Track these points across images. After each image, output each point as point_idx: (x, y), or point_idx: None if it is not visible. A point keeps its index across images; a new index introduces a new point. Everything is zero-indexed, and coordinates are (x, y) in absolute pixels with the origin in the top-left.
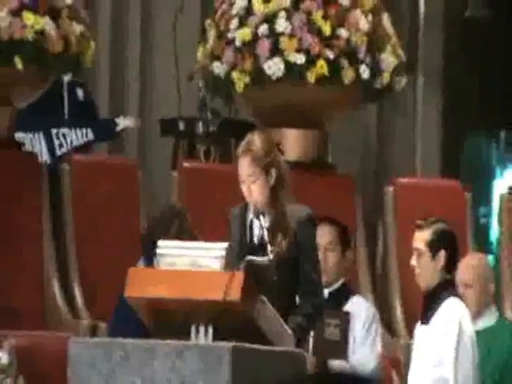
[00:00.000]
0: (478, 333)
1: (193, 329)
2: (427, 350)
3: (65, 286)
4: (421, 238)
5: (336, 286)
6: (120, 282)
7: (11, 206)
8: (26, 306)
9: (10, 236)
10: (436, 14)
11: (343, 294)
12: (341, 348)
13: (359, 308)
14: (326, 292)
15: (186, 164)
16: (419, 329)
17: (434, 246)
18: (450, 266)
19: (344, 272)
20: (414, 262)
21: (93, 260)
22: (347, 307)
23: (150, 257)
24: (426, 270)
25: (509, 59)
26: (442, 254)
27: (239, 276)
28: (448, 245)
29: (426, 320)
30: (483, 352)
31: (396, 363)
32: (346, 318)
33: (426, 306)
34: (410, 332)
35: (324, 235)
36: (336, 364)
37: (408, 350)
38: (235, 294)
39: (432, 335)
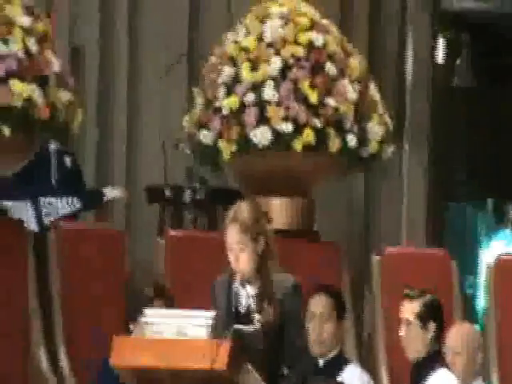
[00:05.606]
0: None
1: None
2: None
3: (50, 352)
4: (410, 310)
5: (331, 355)
6: (106, 347)
7: None
8: (9, 371)
9: None
10: (423, 82)
11: (338, 363)
12: None
13: (354, 377)
14: (321, 362)
15: (172, 231)
16: None
17: (423, 318)
18: (439, 336)
19: (339, 341)
20: (402, 333)
21: (79, 325)
22: (342, 376)
23: None
24: (415, 341)
25: (495, 127)
26: (432, 325)
27: (226, 345)
28: (437, 316)
29: None
30: None
31: None
32: None
33: (414, 377)
34: None
35: (319, 305)
36: None
37: None
38: (222, 363)
39: None
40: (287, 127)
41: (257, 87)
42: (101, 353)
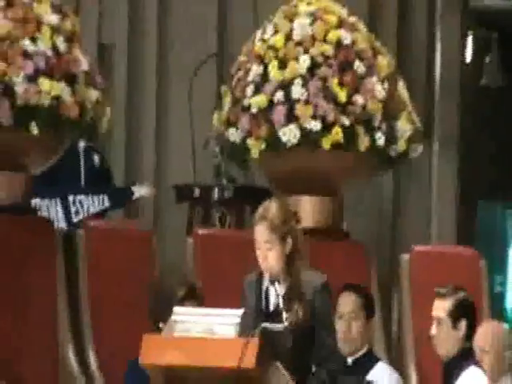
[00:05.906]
0: None
1: None
2: None
3: (79, 351)
4: (441, 307)
5: (360, 353)
6: (134, 347)
7: (26, 270)
8: (38, 371)
9: (25, 301)
10: (452, 81)
11: (368, 361)
12: None
13: (383, 375)
14: (349, 360)
15: (200, 230)
16: None
17: (455, 316)
18: (470, 334)
19: (368, 339)
20: (433, 331)
21: (107, 325)
22: (371, 375)
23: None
24: (446, 339)
25: None
26: (463, 323)
27: (254, 343)
28: (468, 314)
29: None
30: None
31: None
32: None
33: (445, 375)
34: None
35: (348, 304)
36: None
37: None
38: (250, 362)
39: None
40: (316, 125)
41: (285, 85)
42: (129, 353)
